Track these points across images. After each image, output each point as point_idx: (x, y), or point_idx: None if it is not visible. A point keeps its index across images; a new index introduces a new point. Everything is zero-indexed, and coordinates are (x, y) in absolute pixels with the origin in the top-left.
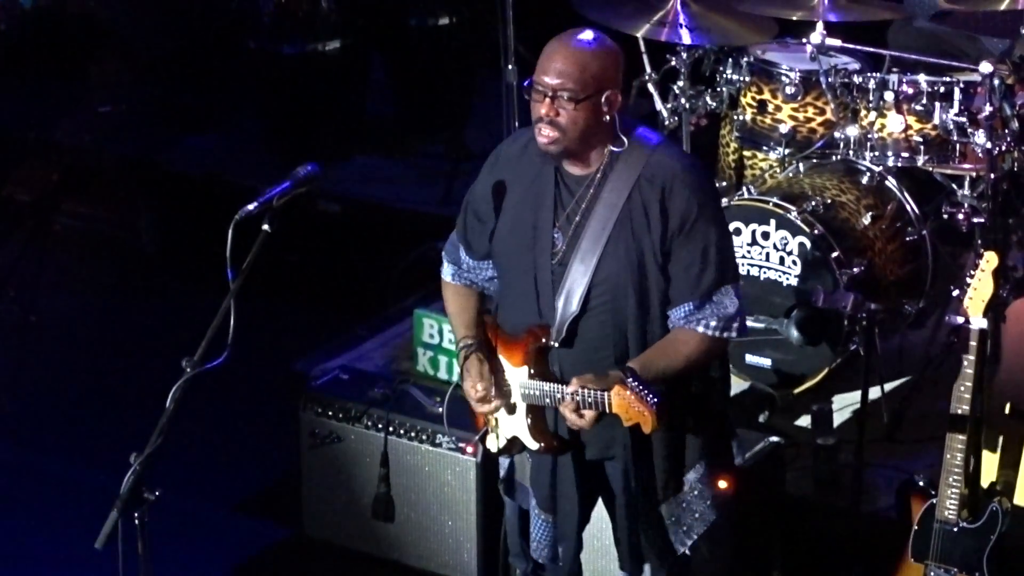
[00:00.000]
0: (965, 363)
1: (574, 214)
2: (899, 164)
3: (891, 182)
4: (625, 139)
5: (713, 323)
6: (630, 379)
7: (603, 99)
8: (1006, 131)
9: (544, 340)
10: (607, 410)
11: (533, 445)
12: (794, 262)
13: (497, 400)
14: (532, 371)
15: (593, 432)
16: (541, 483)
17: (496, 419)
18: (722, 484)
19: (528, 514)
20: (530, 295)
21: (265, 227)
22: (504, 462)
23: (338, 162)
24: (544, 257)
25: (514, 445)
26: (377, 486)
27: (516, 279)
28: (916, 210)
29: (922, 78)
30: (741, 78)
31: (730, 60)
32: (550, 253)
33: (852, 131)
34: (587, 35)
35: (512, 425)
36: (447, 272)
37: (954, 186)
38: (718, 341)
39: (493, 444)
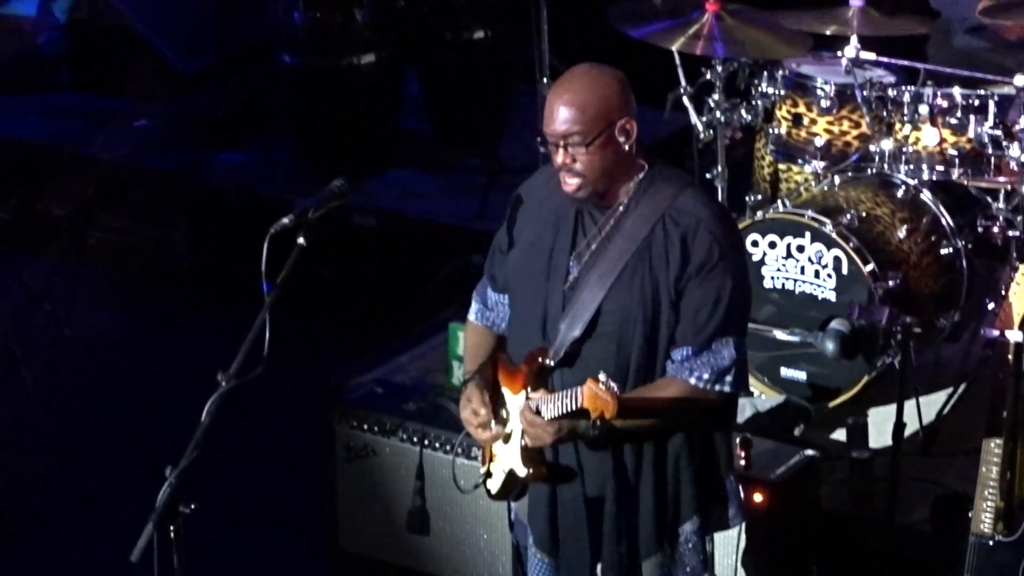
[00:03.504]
0: (1000, 376)
1: (593, 242)
2: (934, 177)
3: (926, 195)
4: (646, 165)
5: (706, 375)
6: (602, 374)
7: (615, 131)
8: None
9: (541, 360)
10: (579, 405)
11: (522, 472)
12: (829, 275)
13: (496, 427)
14: (530, 389)
15: (591, 466)
16: (538, 520)
17: (494, 454)
18: (757, 497)
19: (523, 552)
20: (537, 320)
21: (300, 241)
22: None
23: (373, 176)
24: (557, 284)
25: (511, 485)
26: (412, 499)
27: (525, 304)
28: (951, 223)
29: (957, 91)
30: (776, 91)
31: (765, 73)
32: (563, 280)
33: (887, 144)
34: (581, 72)
35: (507, 455)
36: (472, 311)
37: (989, 199)
38: (708, 393)
39: (493, 485)
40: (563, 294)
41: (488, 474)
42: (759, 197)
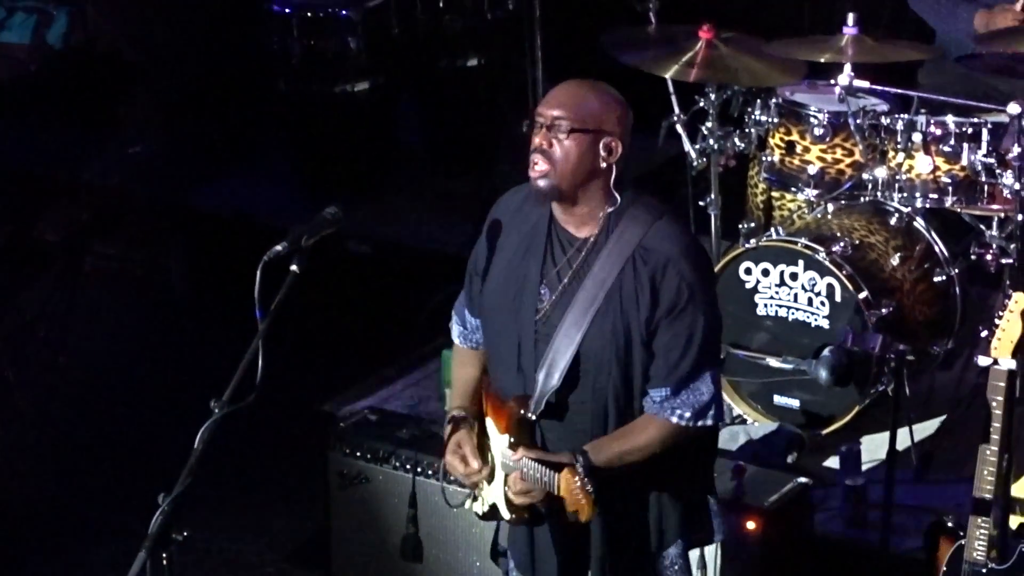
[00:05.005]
0: (993, 404)
1: (564, 275)
2: (927, 205)
3: (919, 223)
4: (619, 198)
5: (688, 413)
6: (579, 465)
7: (600, 143)
8: None
9: (523, 412)
10: (555, 491)
11: (506, 515)
12: (822, 303)
13: (484, 471)
14: (512, 441)
15: None
16: (519, 544)
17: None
18: (750, 525)
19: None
20: (512, 351)
21: (293, 268)
22: (494, 524)
23: (367, 203)
24: (528, 312)
25: (495, 513)
26: (405, 527)
27: (500, 333)
28: (945, 251)
29: (950, 119)
30: (769, 119)
31: (758, 101)
32: (534, 309)
33: (880, 172)
34: (595, 81)
35: (492, 492)
36: (455, 332)
37: (982, 227)
38: (690, 430)
39: (479, 508)
40: (535, 327)
41: (474, 497)
42: (752, 225)
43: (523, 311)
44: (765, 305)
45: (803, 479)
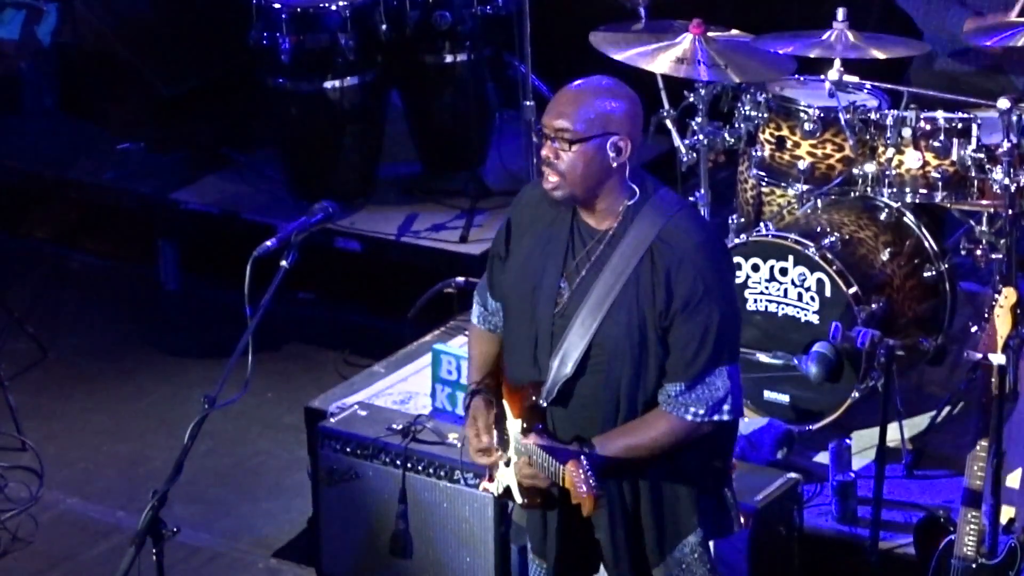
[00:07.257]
0: (983, 399)
1: (582, 267)
2: (917, 200)
3: (909, 218)
4: (637, 191)
5: (701, 411)
6: (584, 459)
7: (608, 144)
8: None
9: (535, 398)
10: (560, 483)
11: (519, 499)
12: (812, 298)
13: (499, 451)
14: (524, 426)
15: None
16: (534, 526)
17: (497, 465)
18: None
19: (526, 553)
20: (528, 342)
21: (283, 263)
22: (510, 504)
23: (356, 200)
24: (547, 306)
25: (509, 495)
26: (395, 522)
27: (517, 324)
28: (934, 246)
29: (940, 114)
30: (759, 114)
31: (748, 96)
32: (553, 303)
33: (870, 167)
34: (599, 79)
35: (506, 474)
36: (474, 314)
37: (972, 222)
38: (703, 426)
39: (494, 488)
40: (552, 320)
41: (490, 478)
42: (742, 220)
43: (541, 305)
44: (755, 300)
45: (793, 475)
